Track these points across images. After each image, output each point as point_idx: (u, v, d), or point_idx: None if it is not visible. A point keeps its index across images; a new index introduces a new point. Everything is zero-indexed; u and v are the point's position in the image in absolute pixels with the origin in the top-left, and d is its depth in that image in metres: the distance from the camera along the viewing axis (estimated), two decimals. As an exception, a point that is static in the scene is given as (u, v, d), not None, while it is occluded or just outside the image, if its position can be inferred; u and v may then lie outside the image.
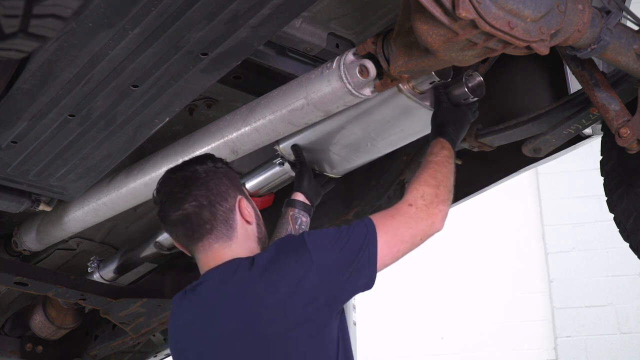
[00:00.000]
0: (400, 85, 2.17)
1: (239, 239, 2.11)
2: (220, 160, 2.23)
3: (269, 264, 1.98)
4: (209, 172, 2.14)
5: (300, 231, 2.40)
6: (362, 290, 2.02)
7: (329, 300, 1.96)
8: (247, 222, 2.14)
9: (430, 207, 2.07)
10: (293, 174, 2.67)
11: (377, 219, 2.04)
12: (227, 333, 1.97)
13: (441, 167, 2.14)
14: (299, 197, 2.48)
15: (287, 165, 2.63)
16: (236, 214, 2.13)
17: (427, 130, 2.43)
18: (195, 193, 2.10)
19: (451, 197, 2.14)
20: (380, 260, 2.00)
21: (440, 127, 2.24)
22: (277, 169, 2.67)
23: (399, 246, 2.04)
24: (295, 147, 2.53)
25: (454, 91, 2.26)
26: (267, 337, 1.93)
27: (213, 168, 2.16)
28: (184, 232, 2.13)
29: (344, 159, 2.59)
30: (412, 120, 2.35)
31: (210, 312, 2.03)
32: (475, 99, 2.28)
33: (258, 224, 2.19)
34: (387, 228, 2.03)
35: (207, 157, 2.23)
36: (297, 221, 2.44)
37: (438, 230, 2.11)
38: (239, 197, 2.16)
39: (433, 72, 2.15)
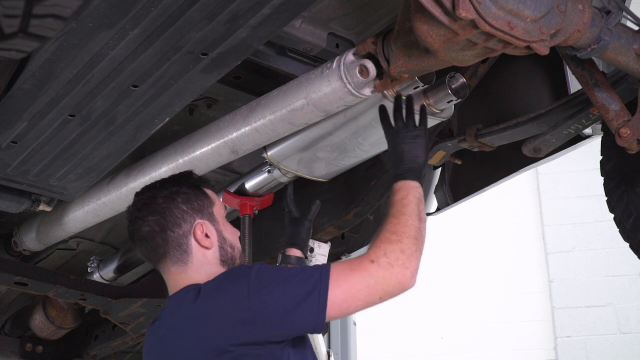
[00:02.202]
0: (384, 91, 2.16)
1: (194, 263, 2.12)
2: (188, 182, 2.21)
3: (211, 293, 1.98)
4: (166, 198, 2.16)
5: None
6: (307, 333, 1.98)
7: (264, 336, 1.92)
8: (204, 247, 2.13)
9: (396, 266, 1.94)
10: (282, 181, 2.69)
11: (336, 269, 1.95)
12: None
13: (399, 218, 2.02)
14: (294, 252, 2.53)
15: (276, 172, 2.65)
16: (191, 238, 2.13)
17: None
18: (149, 219, 2.14)
19: (421, 243, 2.01)
20: (332, 309, 1.92)
21: (394, 167, 2.14)
22: (266, 175, 2.67)
23: (349, 303, 1.94)
24: (290, 200, 2.61)
25: (438, 93, 2.26)
26: None
27: (173, 193, 2.16)
28: (143, 254, 2.19)
29: (331, 163, 2.60)
30: None
31: (164, 342, 2.06)
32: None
33: (222, 247, 2.15)
34: (342, 282, 1.93)
35: (174, 180, 2.23)
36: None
37: (409, 288, 1.98)
38: (197, 222, 2.14)
39: (417, 77, 2.15)
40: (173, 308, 2.06)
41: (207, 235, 2.14)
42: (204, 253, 2.13)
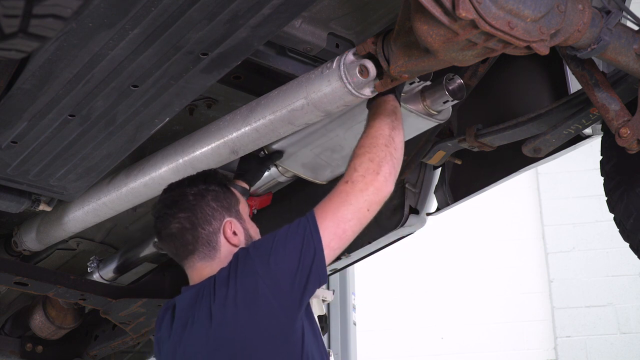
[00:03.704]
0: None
1: (221, 258, 2.17)
2: (216, 180, 2.26)
3: (226, 282, 2.02)
4: (196, 195, 2.21)
5: None
6: (318, 286, 2.01)
7: (284, 306, 1.97)
8: (233, 244, 2.18)
9: (367, 175, 2.02)
10: (280, 180, 2.69)
11: (317, 207, 2.04)
12: (197, 352, 2.03)
13: (367, 132, 2.10)
14: (241, 183, 2.56)
15: (273, 171, 2.64)
16: (220, 236, 2.18)
17: (411, 133, 2.43)
18: (179, 215, 2.19)
19: (393, 149, 2.07)
20: (327, 249, 1.98)
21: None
22: (265, 173, 2.67)
23: (342, 226, 2.00)
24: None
25: (435, 94, 2.25)
26: (234, 353, 1.97)
27: (203, 190, 2.22)
28: (170, 250, 2.23)
29: (330, 164, 2.59)
30: None
31: (181, 332, 2.09)
32: (455, 101, 2.27)
33: (247, 243, 2.21)
34: (326, 213, 2.01)
35: (202, 177, 2.27)
36: None
37: (388, 192, 2.05)
38: (226, 219, 2.20)
39: (417, 75, 2.15)
40: (192, 300, 2.09)
41: (235, 233, 2.19)
42: (230, 250, 2.17)
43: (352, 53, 2.08)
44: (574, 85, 2.52)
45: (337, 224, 2.00)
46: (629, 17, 2.07)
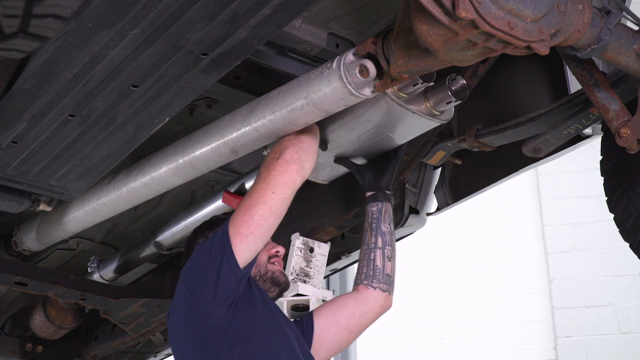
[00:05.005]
0: (385, 90, 2.17)
1: None
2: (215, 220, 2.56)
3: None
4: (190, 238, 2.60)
5: (374, 223, 2.50)
6: (233, 278, 2.17)
7: (203, 309, 2.19)
8: None
9: (270, 164, 2.23)
10: None
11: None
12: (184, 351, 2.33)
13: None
14: (366, 194, 2.56)
15: None
16: None
17: (414, 133, 2.42)
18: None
19: (298, 143, 2.25)
20: (238, 236, 2.17)
21: None
22: None
23: (249, 212, 2.19)
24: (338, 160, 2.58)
25: (438, 95, 2.25)
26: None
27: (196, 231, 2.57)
28: None
29: (330, 164, 2.59)
30: (397, 124, 2.34)
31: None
32: (458, 101, 2.27)
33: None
34: (237, 209, 2.22)
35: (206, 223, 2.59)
36: (369, 215, 2.52)
37: (293, 172, 2.21)
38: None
39: (417, 75, 2.15)
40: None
41: None
42: None
43: (352, 53, 2.08)
44: (574, 85, 2.52)
45: (244, 211, 2.19)
46: (629, 17, 2.07)
